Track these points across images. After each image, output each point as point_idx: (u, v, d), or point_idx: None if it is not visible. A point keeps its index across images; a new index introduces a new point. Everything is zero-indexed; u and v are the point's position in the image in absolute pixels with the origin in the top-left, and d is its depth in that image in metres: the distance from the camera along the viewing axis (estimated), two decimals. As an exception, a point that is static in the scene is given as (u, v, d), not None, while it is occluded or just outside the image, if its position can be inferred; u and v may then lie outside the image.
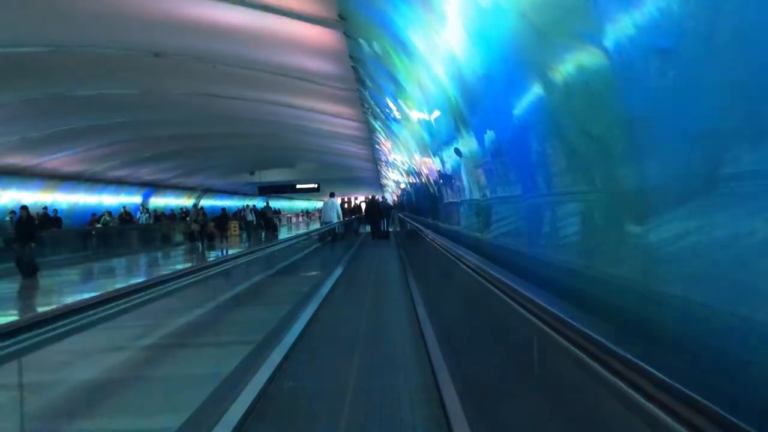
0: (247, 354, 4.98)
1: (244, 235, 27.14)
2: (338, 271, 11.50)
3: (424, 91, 6.36)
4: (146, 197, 30.73)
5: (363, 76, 8.67)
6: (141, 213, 27.75)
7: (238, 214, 31.86)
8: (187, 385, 4.48)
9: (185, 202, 36.30)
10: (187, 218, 26.54)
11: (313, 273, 11.18)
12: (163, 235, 26.53)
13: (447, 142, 6.78)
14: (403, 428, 3.52)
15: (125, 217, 25.40)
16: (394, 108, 9.62)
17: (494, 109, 4.01)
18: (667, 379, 1.30)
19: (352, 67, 8.40)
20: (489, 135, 4.40)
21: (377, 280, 10.84)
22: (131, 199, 29.79)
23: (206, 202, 39.66)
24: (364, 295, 8.79)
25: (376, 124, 14.65)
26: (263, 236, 26.42)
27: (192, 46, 11.28)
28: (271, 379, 4.47)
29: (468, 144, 5.46)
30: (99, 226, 23.01)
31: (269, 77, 12.29)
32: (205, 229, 23.38)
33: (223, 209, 28.49)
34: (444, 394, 3.83)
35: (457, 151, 6.56)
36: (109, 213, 24.23)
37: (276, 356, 4.98)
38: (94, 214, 23.84)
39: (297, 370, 4.77)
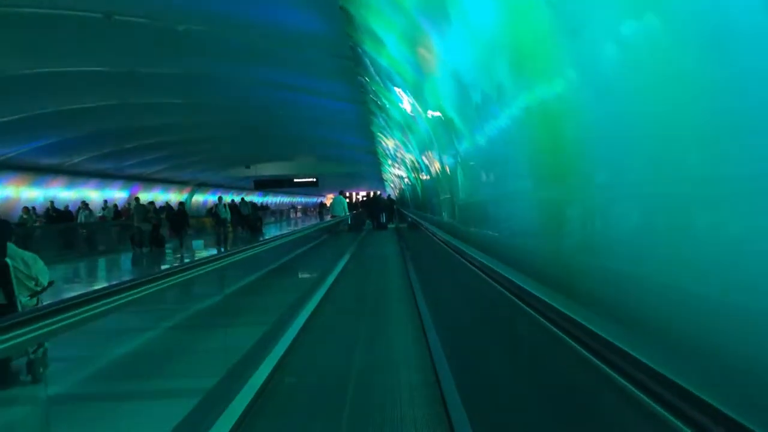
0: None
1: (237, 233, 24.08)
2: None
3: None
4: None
5: (355, 19, 6.26)
6: (80, 209, 21.32)
7: (211, 210, 26.01)
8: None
9: (180, 196, 33.91)
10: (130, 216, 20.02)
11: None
12: (98, 239, 20.25)
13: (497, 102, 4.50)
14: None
15: (53, 214, 20.43)
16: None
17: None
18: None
19: (341, 8, 6.05)
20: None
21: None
22: (119, 194, 27.67)
23: (200, 198, 37.53)
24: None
25: (377, 111, 12.51)
26: (231, 236, 21.75)
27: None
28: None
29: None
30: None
31: (249, 41, 10.10)
32: (157, 231, 17.79)
33: (181, 203, 21.84)
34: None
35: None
36: (28, 210, 19.27)
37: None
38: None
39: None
